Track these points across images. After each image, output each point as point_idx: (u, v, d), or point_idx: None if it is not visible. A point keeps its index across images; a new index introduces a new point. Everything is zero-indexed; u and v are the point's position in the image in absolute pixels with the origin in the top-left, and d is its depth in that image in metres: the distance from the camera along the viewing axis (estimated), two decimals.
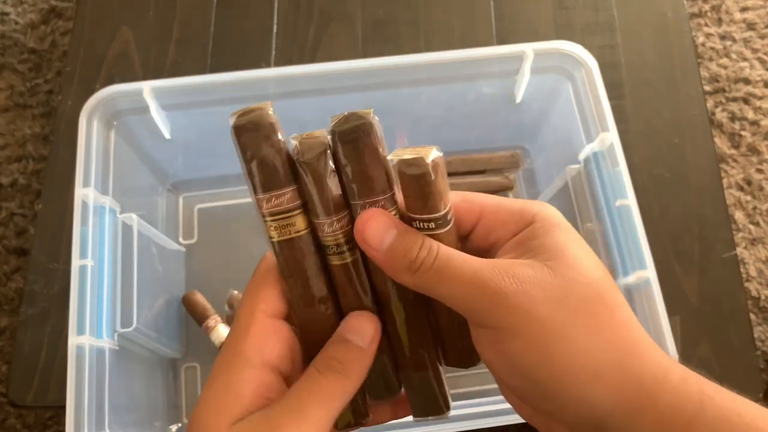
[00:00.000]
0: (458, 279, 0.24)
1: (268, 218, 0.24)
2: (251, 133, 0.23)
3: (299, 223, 0.24)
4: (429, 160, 0.23)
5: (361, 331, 0.25)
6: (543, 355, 0.23)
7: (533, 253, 0.24)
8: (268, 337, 0.25)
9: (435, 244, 0.24)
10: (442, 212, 0.24)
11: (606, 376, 0.23)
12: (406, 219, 0.25)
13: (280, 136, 0.24)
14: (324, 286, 0.26)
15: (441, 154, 0.24)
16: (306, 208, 0.25)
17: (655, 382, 0.23)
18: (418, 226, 0.25)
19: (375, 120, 0.24)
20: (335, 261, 0.25)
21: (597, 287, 0.24)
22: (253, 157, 0.24)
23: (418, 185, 0.24)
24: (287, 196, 0.24)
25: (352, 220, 0.25)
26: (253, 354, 0.24)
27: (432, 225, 0.24)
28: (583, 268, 0.24)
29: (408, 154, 0.24)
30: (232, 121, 0.23)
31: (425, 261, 0.24)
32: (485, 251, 0.26)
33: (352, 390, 0.25)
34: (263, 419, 0.23)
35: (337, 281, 0.26)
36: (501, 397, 0.45)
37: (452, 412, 0.43)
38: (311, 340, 0.26)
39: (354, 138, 0.24)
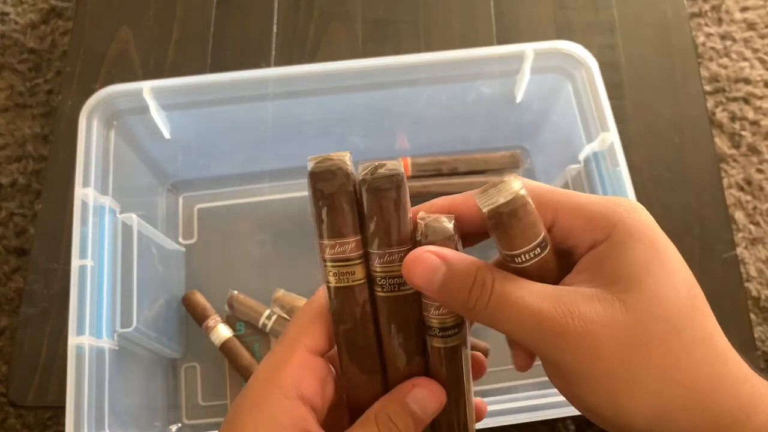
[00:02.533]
0: (517, 318, 0.22)
1: (329, 263, 0.25)
2: (327, 182, 0.24)
3: (358, 272, 0.25)
4: (516, 203, 0.23)
5: (426, 404, 0.25)
6: (608, 399, 0.22)
7: (608, 278, 0.22)
8: (306, 373, 0.25)
9: (489, 279, 0.23)
10: (537, 240, 0.24)
11: (677, 417, 0.22)
12: (503, 258, 0.25)
13: (352, 188, 0.24)
14: (371, 336, 0.26)
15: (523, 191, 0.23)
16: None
17: (734, 422, 0.21)
18: (521, 260, 0.24)
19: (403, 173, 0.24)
20: (435, 344, 0.26)
21: (676, 321, 0.22)
22: (325, 204, 0.24)
23: (509, 224, 0.23)
24: (351, 245, 0.24)
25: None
26: (290, 387, 0.24)
27: (532, 254, 0.24)
28: (663, 298, 0.22)
29: (496, 196, 0.23)
30: (309, 166, 0.24)
31: (479, 300, 0.23)
32: (566, 254, 0.25)
33: None
34: None
35: (433, 364, 0.26)
36: (502, 397, 0.45)
37: None
38: (352, 384, 0.27)
39: (386, 188, 0.24)
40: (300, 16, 0.68)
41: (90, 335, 0.44)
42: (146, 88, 0.51)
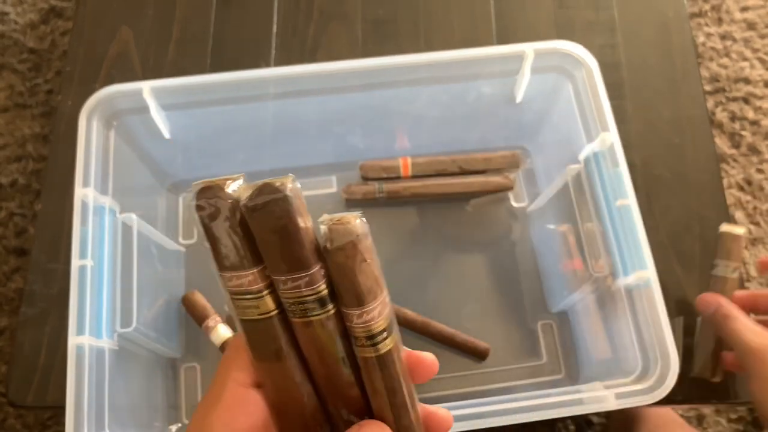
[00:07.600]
0: (739, 338, 0.46)
1: (232, 296, 0.23)
2: (205, 212, 0.22)
3: (265, 304, 0.23)
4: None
5: None
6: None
7: None
8: (238, 409, 0.24)
9: (730, 310, 0.48)
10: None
11: None
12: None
13: (238, 216, 0.22)
14: (291, 369, 0.24)
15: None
16: (330, 293, 0.23)
17: None
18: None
19: (293, 189, 0.22)
20: (365, 354, 0.24)
21: None
22: (210, 236, 0.23)
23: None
24: (249, 278, 0.23)
25: (385, 309, 0.23)
26: (220, 427, 0.23)
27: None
28: None
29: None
30: (193, 195, 0.23)
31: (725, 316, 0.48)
32: None
33: None
34: None
35: (366, 375, 0.24)
36: (502, 397, 0.45)
37: (453, 412, 0.43)
38: (283, 413, 0.25)
39: (269, 212, 0.21)
40: (300, 16, 0.68)
41: (90, 335, 0.44)
42: (146, 88, 0.51)
